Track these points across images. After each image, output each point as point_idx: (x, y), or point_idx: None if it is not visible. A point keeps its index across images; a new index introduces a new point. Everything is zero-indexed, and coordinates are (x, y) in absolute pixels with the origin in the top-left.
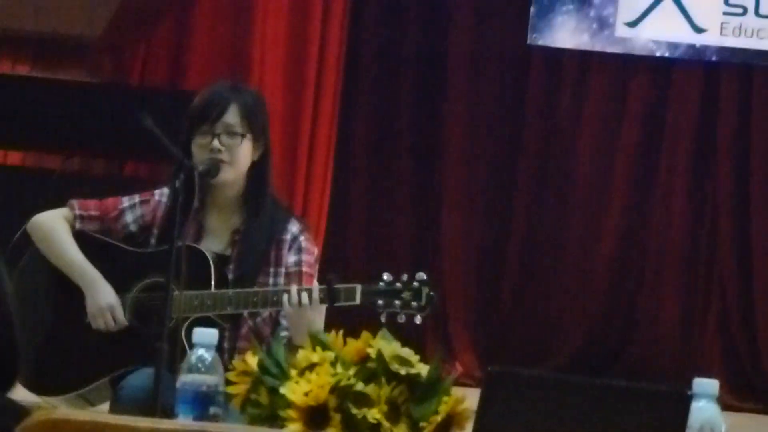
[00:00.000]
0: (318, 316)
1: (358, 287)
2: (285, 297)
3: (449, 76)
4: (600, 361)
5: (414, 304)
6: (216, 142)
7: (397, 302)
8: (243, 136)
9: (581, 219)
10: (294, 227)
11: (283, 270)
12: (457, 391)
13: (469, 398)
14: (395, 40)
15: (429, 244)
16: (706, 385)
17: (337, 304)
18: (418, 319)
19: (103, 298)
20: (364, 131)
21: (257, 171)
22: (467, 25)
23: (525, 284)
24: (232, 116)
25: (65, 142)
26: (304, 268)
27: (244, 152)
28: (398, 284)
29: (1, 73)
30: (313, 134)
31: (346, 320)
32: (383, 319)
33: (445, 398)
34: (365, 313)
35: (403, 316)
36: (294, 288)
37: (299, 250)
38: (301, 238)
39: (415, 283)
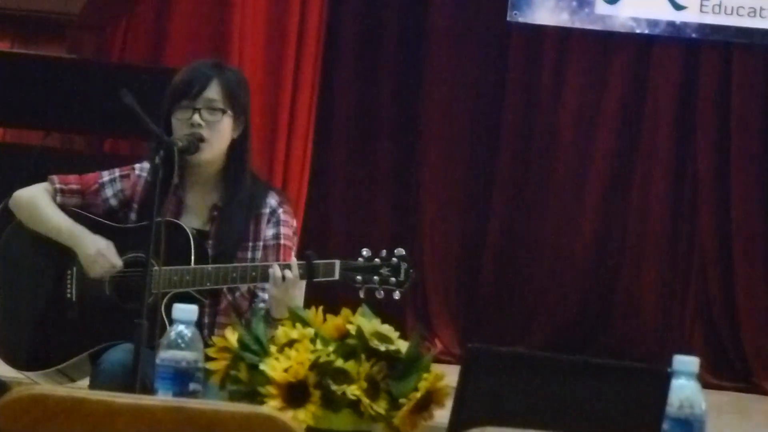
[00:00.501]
0: (298, 292)
1: (337, 263)
2: (271, 272)
3: (429, 53)
4: (580, 341)
5: (393, 279)
6: (196, 117)
7: (375, 278)
8: (224, 112)
9: (561, 198)
10: (272, 200)
11: (261, 243)
12: (436, 368)
13: (449, 375)
14: (375, 15)
15: (409, 221)
16: (686, 363)
17: (315, 280)
18: (396, 295)
19: (93, 246)
20: (344, 107)
21: (237, 148)
22: (447, 2)
23: (505, 262)
24: (214, 92)
25: (45, 118)
26: (283, 241)
27: (224, 129)
28: (377, 260)
29: None
30: (293, 110)
31: (326, 296)
32: (362, 295)
33: (425, 375)
34: (345, 289)
35: (382, 292)
36: (275, 264)
37: (277, 223)
38: (280, 210)
39: (394, 259)
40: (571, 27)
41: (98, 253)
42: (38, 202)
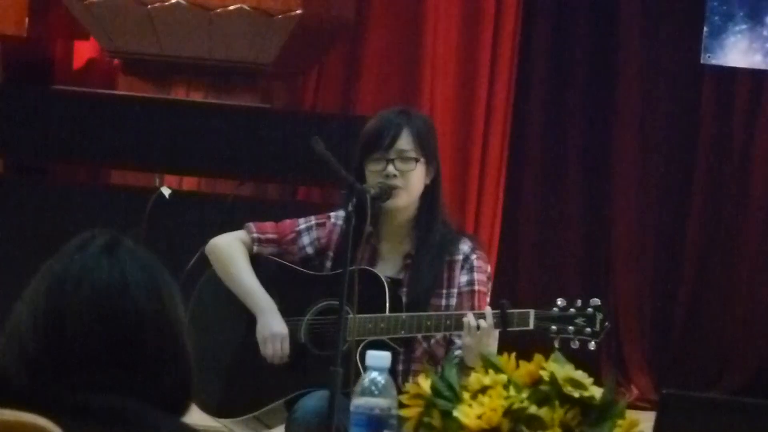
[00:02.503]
0: (492, 341)
1: (532, 312)
2: (465, 321)
3: (620, 95)
4: None
5: (588, 330)
6: (390, 168)
7: (570, 328)
8: (416, 160)
9: (756, 240)
10: (465, 246)
11: (455, 290)
12: (631, 415)
13: (644, 422)
14: (565, 57)
15: (601, 264)
16: None
17: (510, 329)
18: (592, 346)
19: (274, 327)
20: (535, 151)
21: (429, 195)
22: (639, 43)
23: (700, 304)
24: (405, 142)
25: (239, 167)
26: (477, 287)
27: (418, 177)
28: (572, 310)
29: (177, 99)
30: (485, 153)
31: (518, 344)
32: (556, 345)
33: (620, 421)
34: (538, 336)
35: (577, 342)
36: (469, 314)
37: (471, 269)
38: (473, 256)
39: (589, 309)
40: (764, 69)
41: (277, 336)
42: (231, 258)
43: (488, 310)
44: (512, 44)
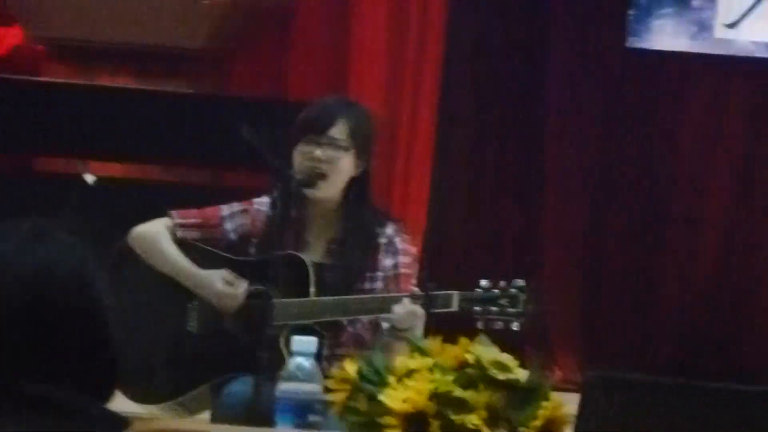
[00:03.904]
0: (418, 322)
1: (456, 294)
2: (395, 306)
3: (547, 78)
4: (703, 365)
5: (511, 310)
6: (318, 152)
7: (494, 309)
8: (346, 149)
9: (682, 222)
10: (389, 230)
11: (380, 274)
12: (556, 396)
13: (569, 403)
14: (493, 43)
15: (527, 249)
16: None
17: (434, 311)
18: (515, 326)
19: (215, 283)
20: (463, 133)
21: (356, 186)
22: (565, 27)
23: (625, 288)
24: (339, 130)
25: (164, 153)
26: (402, 270)
27: (345, 167)
28: (496, 291)
29: (101, 85)
30: (412, 136)
31: (444, 327)
32: (480, 326)
33: (545, 403)
34: (463, 319)
35: (501, 323)
36: (392, 296)
37: (395, 253)
38: (397, 239)
39: (513, 290)
40: (690, 52)
41: (218, 293)
42: (158, 239)
43: (414, 290)
44: (440, 26)
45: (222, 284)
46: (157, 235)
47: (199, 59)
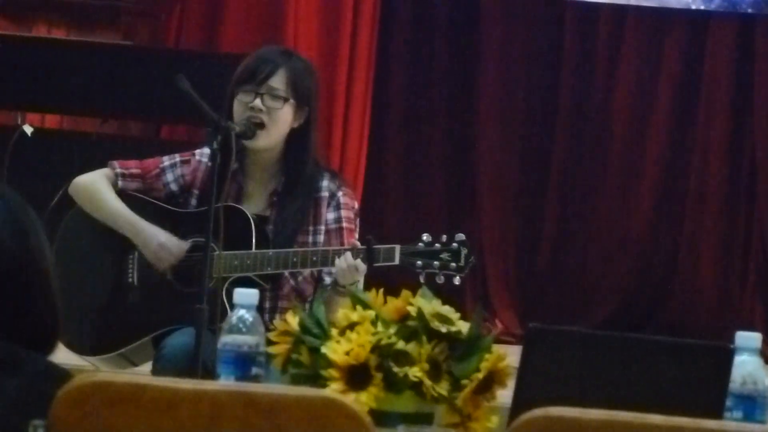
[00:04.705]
0: (358, 276)
1: (397, 248)
2: (337, 259)
3: (482, 34)
4: (639, 319)
5: (453, 264)
6: (258, 102)
7: (435, 263)
8: (285, 100)
9: (618, 176)
10: (332, 183)
11: (322, 227)
12: (497, 349)
13: (510, 356)
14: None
15: (467, 204)
16: (749, 339)
17: (376, 264)
18: (456, 280)
19: (154, 239)
20: (399, 91)
21: (297, 138)
22: None
23: (563, 242)
24: (278, 80)
25: (102, 105)
26: (344, 224)
27: (284, 117)
28: (437, 245)
29: (38, 37)
30: (349, 95)
31: (385, 280)
32: (422, 280)
33: (486, 355)
34: (404, 273)
35: (442, 277)
36: (334, 248)
37: (338, 206)
38: (340, 193)
39: (454, 244)
40: (626, 4)
41: (160, 246)
42: (98, 187)
43: (356, 244)
44: None
45: (164, 238)
46: (98, 184)
47: (135, 12)
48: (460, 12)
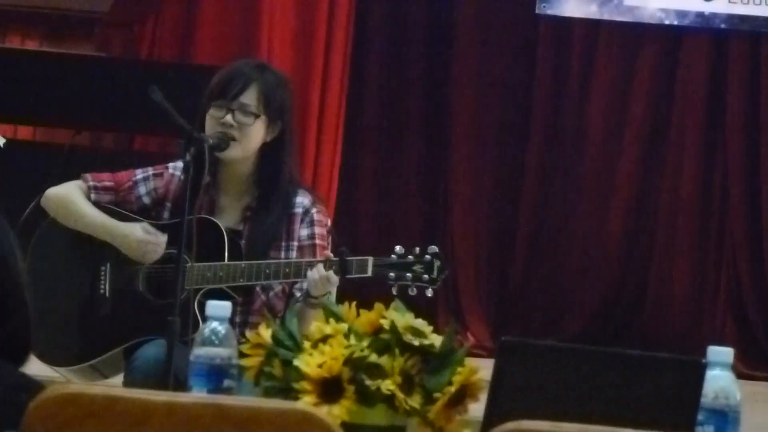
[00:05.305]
0: (330, 288)
1: (370, 259)
2: (309, 271)
3: (457, 48)
4: (612, 333)
5: (425, 276)
6: (229, 117)
7: (408, 275)
8: (257, 116)
9: (591, 190)
10: (305, 200)
11: (295, 244)
12: (470, 362)
13: (483, 369)
14: (402, 12)
15: (439, 217)
16: (721, 354)
17: (348, 276)
18: (429, 292)
19: (133, 235)
20: (373, 104)
21: (271, 152)
22: None
23: (536, 256)
24: (250, 96)
25: (75, 116)
26: (317, 241)
27: (255, 132)
28: (410, 257)
29: (12, 48)
30: (322, 108)
31: (358, 293)
32: (395, 292)
33: (459, 369)
34: (377, 285)
35: (415, 289)
36: (306, 260)
37: (311, 223)
38: (314, 210)
39: (427, 256)
40: (599, 19)
41: (140, 242)
42: (72, 198)
43: (329, 255)
44: None
45: (142, 233)
46: (71, 194)
47: (108, 23)
48: (434, 26)
